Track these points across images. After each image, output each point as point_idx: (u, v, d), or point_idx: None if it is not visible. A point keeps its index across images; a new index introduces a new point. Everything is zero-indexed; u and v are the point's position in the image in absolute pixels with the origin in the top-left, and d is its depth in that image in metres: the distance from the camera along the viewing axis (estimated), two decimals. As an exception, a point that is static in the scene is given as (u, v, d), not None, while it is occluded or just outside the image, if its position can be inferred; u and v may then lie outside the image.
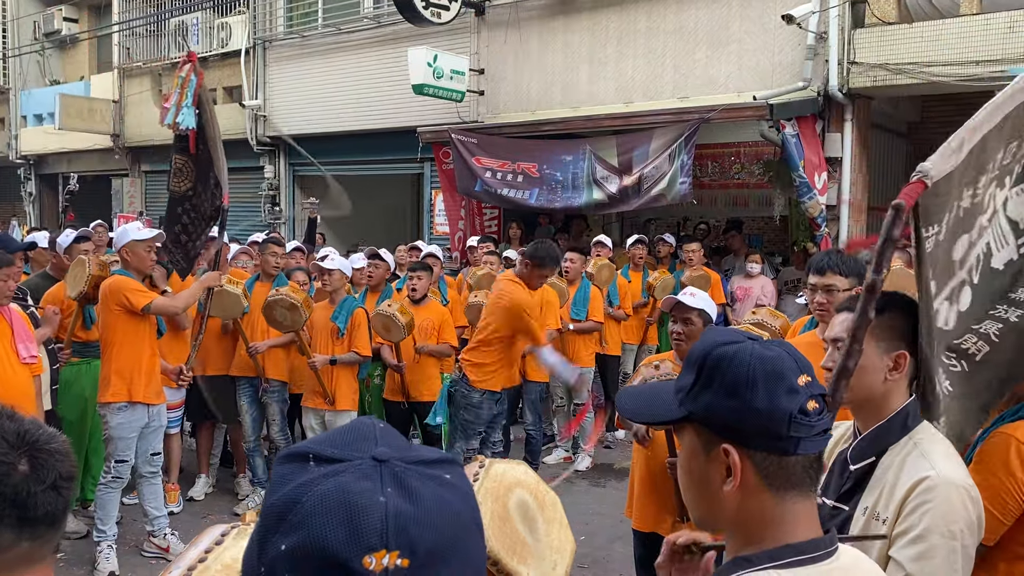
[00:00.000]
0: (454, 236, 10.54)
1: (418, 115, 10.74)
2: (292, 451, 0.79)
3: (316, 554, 0.71)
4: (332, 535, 0.71)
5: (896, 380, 1.83)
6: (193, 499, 6.19)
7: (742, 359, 1.16)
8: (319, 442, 0.80)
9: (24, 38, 18.01)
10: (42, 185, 18.29)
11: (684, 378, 1.23)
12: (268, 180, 13.35)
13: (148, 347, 4.91)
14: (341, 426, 0.83)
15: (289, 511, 0.73)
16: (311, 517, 0.72)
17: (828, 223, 8.05)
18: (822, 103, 8.11)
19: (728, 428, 1.16)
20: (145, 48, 15.22)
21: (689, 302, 3.61)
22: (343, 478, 0.74)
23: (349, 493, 0.73)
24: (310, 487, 0.74)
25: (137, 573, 4.95)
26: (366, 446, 0.78)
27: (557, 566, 1.45)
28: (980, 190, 1.93)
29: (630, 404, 1.32)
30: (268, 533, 0.74)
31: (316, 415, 5.72)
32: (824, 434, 1.17)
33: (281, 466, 0.78)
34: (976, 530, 1.68)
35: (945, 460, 1.73)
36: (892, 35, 7.84)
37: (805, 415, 1.14)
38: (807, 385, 1.16)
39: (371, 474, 0.74)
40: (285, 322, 5.52)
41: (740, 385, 1.14)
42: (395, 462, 0.76)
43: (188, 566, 1.13)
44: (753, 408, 1.14)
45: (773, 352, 1.17)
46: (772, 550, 1.15)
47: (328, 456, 0.77)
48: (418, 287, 6.07)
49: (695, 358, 1.22)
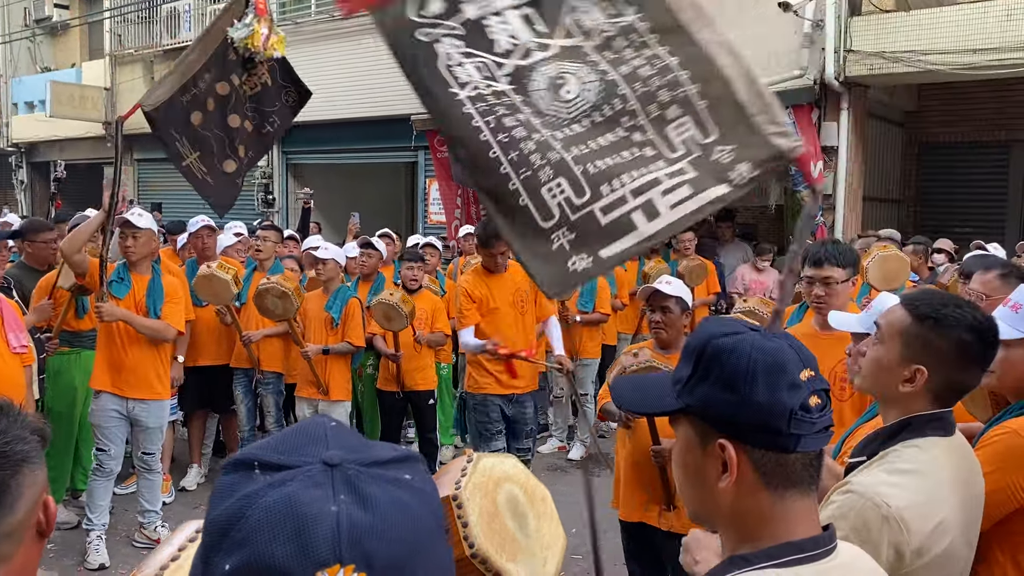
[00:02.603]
0: (451, 225, 10.48)
1: (412, 102, 10.54)
2: (236, 459, 0.73)
3: (263, 573, 0.65)
4: (279, 551, 0.65)
5: (908, 392, 1.77)
6: (185, 489, 6.16)
7: (742, 351, 1.11)
8: (265, 447, 0.74)
9: (15, 24, 17.86)
10: (33, 173, 18.18)
11: (681, 369, 1.19)
12: (261, 168, 13.26)
13: (113, 336, 4.87)
14: (289, 428, 0.77)
15: (232, 527, 0.67)
16: (256, 532, 0.66)
17: (824, 212, 8.02)
18: (818, 92, 8.08)
19: (725, 422, 1.12)
20: (137, 35, 15.11)
21: (666, 290, 3.61)
22: (291, 487, 0.68)
23: (297, 504, 0.67)
24: (255, 499, 0.68)
25: (128, 563, 4.92)
26: (316, 449, 0.72)
27: (548, 562, 1.41)
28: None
29: (627, 395, 1.29)
30: (211, 552, 0.68)
31: (310, 405, 5.70)
32: (826, 431, 1.13)
33: (225, 476, 0.72)
34: (882, 554, 1.54)
35: (890, 477, 1.66)
36: (889, 23, 7.80)
37: (807, 411, 1.09)
38: (810, 380, 1.11)
39: (322, 481, 0.69)
40: (276, 311, 5.48)
41: (739, 378, 1.10)
42: (348, 465, 0.70)
43: (160, 565, 1.10)
44: (752, 402, 1.09)
45: (775, 344, 1.13)
46: (770, 548, 1.11)
47: (275, 463, 0.71)
48: (415, 276, 6.05)
49: (693, 349, 1.17)
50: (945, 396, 1.78)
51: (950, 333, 1.73)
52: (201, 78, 4.94)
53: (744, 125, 2.27)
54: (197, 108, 4.94)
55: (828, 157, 8.18)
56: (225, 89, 5.03)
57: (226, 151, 5.10)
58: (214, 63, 4.95)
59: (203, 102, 4.95)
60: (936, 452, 1.74)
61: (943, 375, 1.74)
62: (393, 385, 5.97)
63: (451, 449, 6.83)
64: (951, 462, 1.74)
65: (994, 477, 1.95)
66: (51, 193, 11.33)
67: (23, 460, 1.18)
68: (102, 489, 4.95)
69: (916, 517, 1.60)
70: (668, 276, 3.93)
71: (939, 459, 1.73)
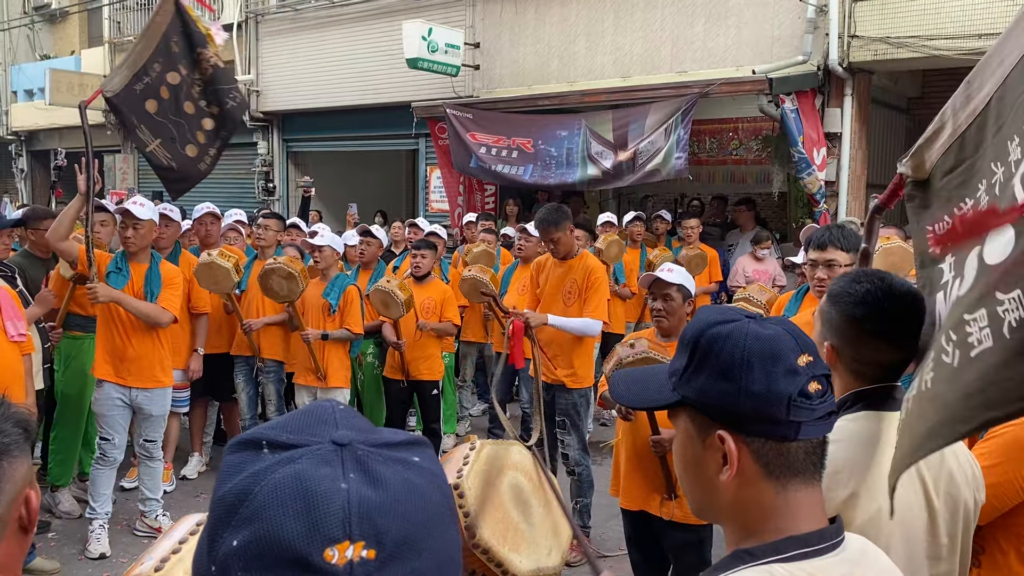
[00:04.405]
0: (453, 213, 10.43)
1: (413, 90, 10.62)
2: (243, 438, 0.73)
3: (272, 549, 0.65)
4: (289, 527, 0.65)
5: (832, 367, 1.77)
6: (186, 478, 6.16)
7: (736, 339, 1.09)
8: (273, 427, 0.73)
9: (13, 12, 17.77)
10: (33, 161, 18.13)
11: (677, 360, 1.16)
12: (261, 156, 13.24)
13: (110, 325, 4.86)
14: (297, 410, 0.76)
15: (240, 503, 0.67)
16: (265, 509, 0.66)
17: (827, 199, 7.98)
18: (822, 77, 8.02)
19: (723, 413, 1.09)
20: (136, 22, 15.01)
21: (667, 278, 3.58)
22: (300, 464, 0.68)
23: (307, 480, 0.67)
24: (263, 476, 0.67)
25: (129, 553, 4.92)
26: (325, 430, 0.72)
27: (552, 551, 1.39)
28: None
29: (624, 390, 1.25)
30: (218, 528, 0.68)
31: (308, 392, 5.68)
32: (828, 417, 1.10)
33: (231, 455, 0.72)
34: None
35: None
36: (893, 8, 7.73)
37: (806, 398, 1.07)
38: (809, 365, 1.08)
39: (331, 459, 0.69)
40: (281, 292, 5.44)
41: (735, 367, 1.07)
42: (357, 445, 0.70)
43: (161, 557, 1.08)
44: (749, 391, 1.07)
45: (770, 331, 1.10)
46: (775, 542, 1.08)
47: (283, 442, 0.70)
48: (422, 265, 6.01)
49: (688, 339, 1.15)
50: (864, 372, 1.75)
51: (842, 309, 1.75)
52: (151, 67, 5.11)
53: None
54: (151, 96, 5.12)
55: (831, 143, 8.13)
56: (176, 79, 5.22)
57: (187, 136, 5.30)
58: (160, 53, 5.14)
59: (156, 90, 5.14)
60: (864, 424, 1.71)
61: (848, 351, 1.76)
62: (398, 374, 5.95)
63: (452, 438, 6.82)
64: (881, 435, 1.70)
65: (999, 469, 1.92)
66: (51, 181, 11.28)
67: (2, 453, 1.13)
68: (105, 477, 4.95)
69: (825, 485, 1.61)
70: (670, 264, 3.90)
71: (862, 431, 1.70)
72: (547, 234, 4.97)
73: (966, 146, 1.67)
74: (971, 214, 1.55)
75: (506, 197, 10.14)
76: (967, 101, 1.67)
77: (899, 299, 1.72)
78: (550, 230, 4.93)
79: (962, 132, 1.69)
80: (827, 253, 3.33)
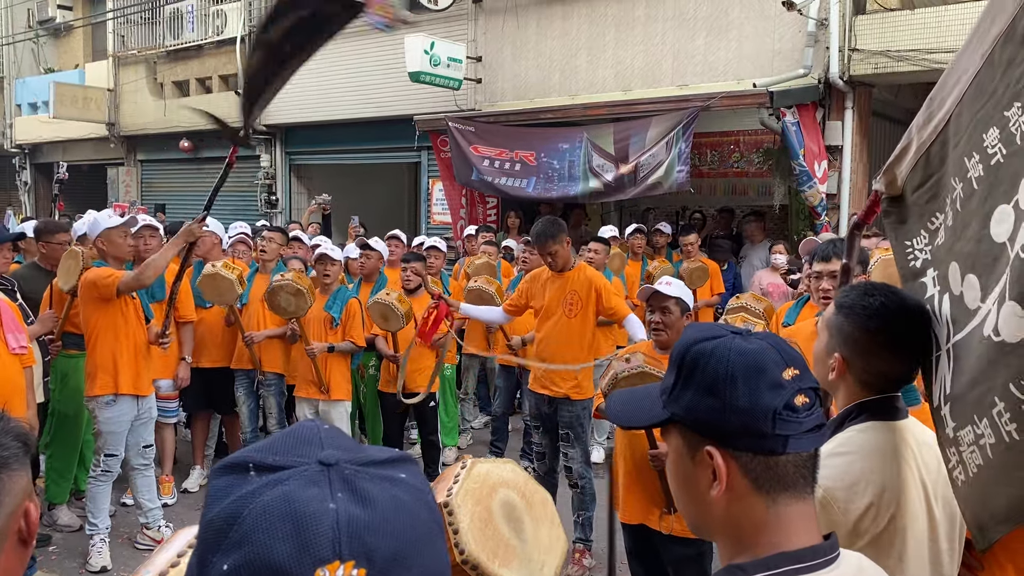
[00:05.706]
0: (456, 225, 10.45)
1: (415, 103, 10.66)
2: (229, 461, 0.73)
3: (262, 572, 0.65)
4: (279, 549, 0.65)
5: (836, 380, 1.81)
6: (188, 491, 6.15)
7: (720, 355, 1.09)
8: (258, 449, 0.73)
9: (18, 25, 17.89)
10: (37, 174, 18.21)
11: (668, 378, 1.17)
12: (264, 169, 13.28)
13: (131, 337, 4.85)
14: (281, 431, 0.77)
15: (229, 527, 0.67)
16: (254, 532, 0.66)
17: (828, 212, 7.99)
18: (822, 91, 8.04)
19: (711, 429, 1.10)
20: (140, 36, 15.11)
21: (665, 291, 3.60)
22: (288, 486, 0.68)
23: (295, 502, 0.67)
24: (251, 499, 0.68)
25: (130, 566, 4.91)
26: (310, 450, 0.72)
27: (545, 566, 1.39)
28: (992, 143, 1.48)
29: (618, 411, 1.26)
30: (208, 552, 0.68)
31: (310, 405, 5.68)
32: (817, 430, 1.10)
33: (218, 478, 0.72)
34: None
35: (823, 460, 1.67)
36: (893, 22, 7.76)
37: (792, 411, 1.07)
38: (795, 379, 1.08)
39: (318, 480, 0.69)
40: (289, 308, 5.44)
41: (719, 382, 1.08)
42: (344, 465, 0.70)
43: (159, 571, 1.08)
44: (734, 406, 1.07)
45: (754, 346, 1.10)
46: (767, 558, 1.08)
47: (270, 464, 0.71)
48: (412, 278, 6.02)
49: (675, 357, 1.15)
50: (873, 383, 1.78)
51: (856, 321, 1.76)
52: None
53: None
54: None
55: (832, 156, 8.14)
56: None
57: None
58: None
59: None
60: (873, 435, 1.73)
61: (858, 363, 1.77)
62: (394, 387, 5.95)
63: (454, 451, 6.81)
64: (891, 444, 1.72)
65: None
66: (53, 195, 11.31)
67: (1, 466, 1.14)
68: (105, 493, 4.94)
69: (844, 498, 1.64)
70: (668, 277, 3.91)
71: (873, 441, 1.72)
72: (544, 247, 5.00)
73: (931, 161, 1.73)
74: None
75: (508, 209, 10.17)
76: (929, 119, 1.73)
77: (910, 313, 1.75)
78: (548, 243, 4.96)
79: (927, 148, 1.74)
80: (831, 265, 3.43)
